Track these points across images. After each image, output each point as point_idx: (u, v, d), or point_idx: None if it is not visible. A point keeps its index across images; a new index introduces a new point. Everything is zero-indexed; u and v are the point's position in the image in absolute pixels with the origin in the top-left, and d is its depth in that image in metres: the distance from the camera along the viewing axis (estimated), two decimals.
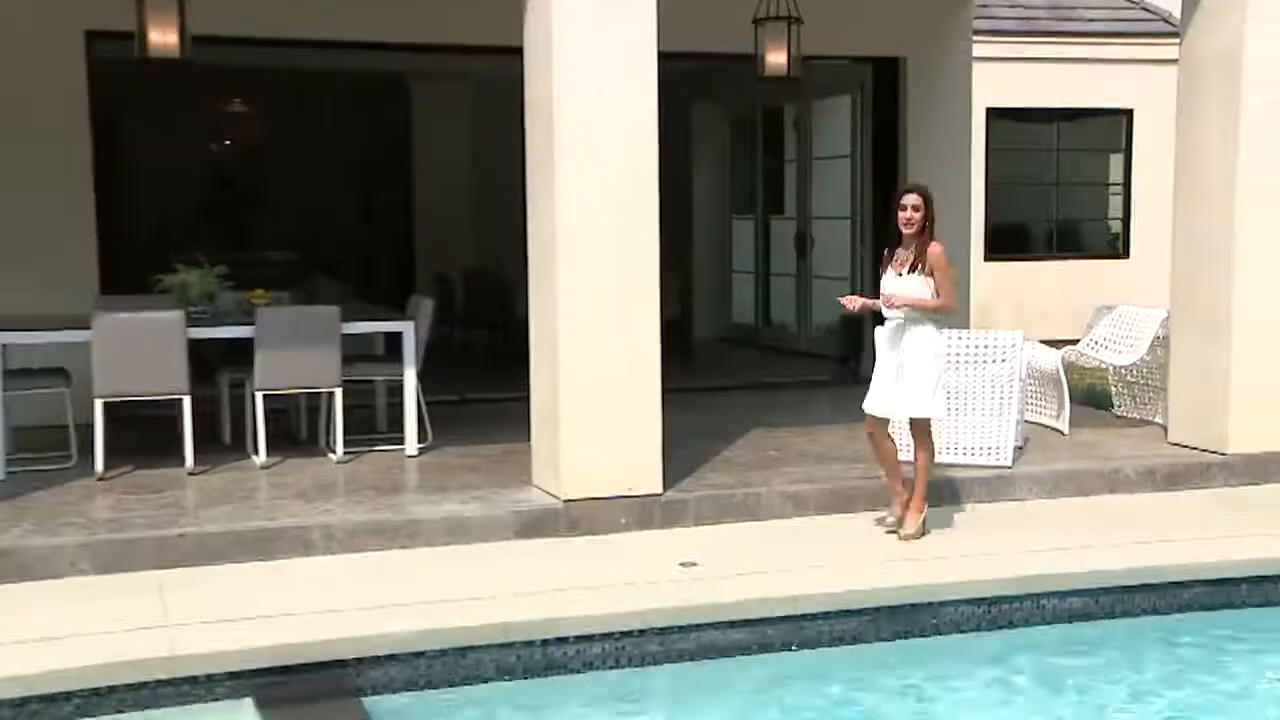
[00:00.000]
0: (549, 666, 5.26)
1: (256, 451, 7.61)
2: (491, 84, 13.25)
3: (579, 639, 5.31)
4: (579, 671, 5.29)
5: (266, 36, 9.36)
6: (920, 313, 6.38)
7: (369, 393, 8.43)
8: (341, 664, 5.01)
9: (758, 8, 9.21)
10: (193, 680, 4.85)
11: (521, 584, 5.79)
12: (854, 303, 6.70)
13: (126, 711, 4.75)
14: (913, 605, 5.74)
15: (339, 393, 7.61)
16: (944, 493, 7.24)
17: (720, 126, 14.31)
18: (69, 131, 8.87)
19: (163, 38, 7.50)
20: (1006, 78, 13.82)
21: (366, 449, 7.90)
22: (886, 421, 6.63)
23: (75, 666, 4.79)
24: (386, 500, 6.79)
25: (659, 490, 6.83)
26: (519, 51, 6.99)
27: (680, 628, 5.44)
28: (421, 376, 7.93)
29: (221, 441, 8.11)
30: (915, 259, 6.36)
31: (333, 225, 15.69)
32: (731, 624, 5.52)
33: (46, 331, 7.40)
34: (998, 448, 7.56)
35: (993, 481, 7.43)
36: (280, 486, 7.10)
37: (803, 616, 5.61)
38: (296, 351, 7.48)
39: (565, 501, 6.67)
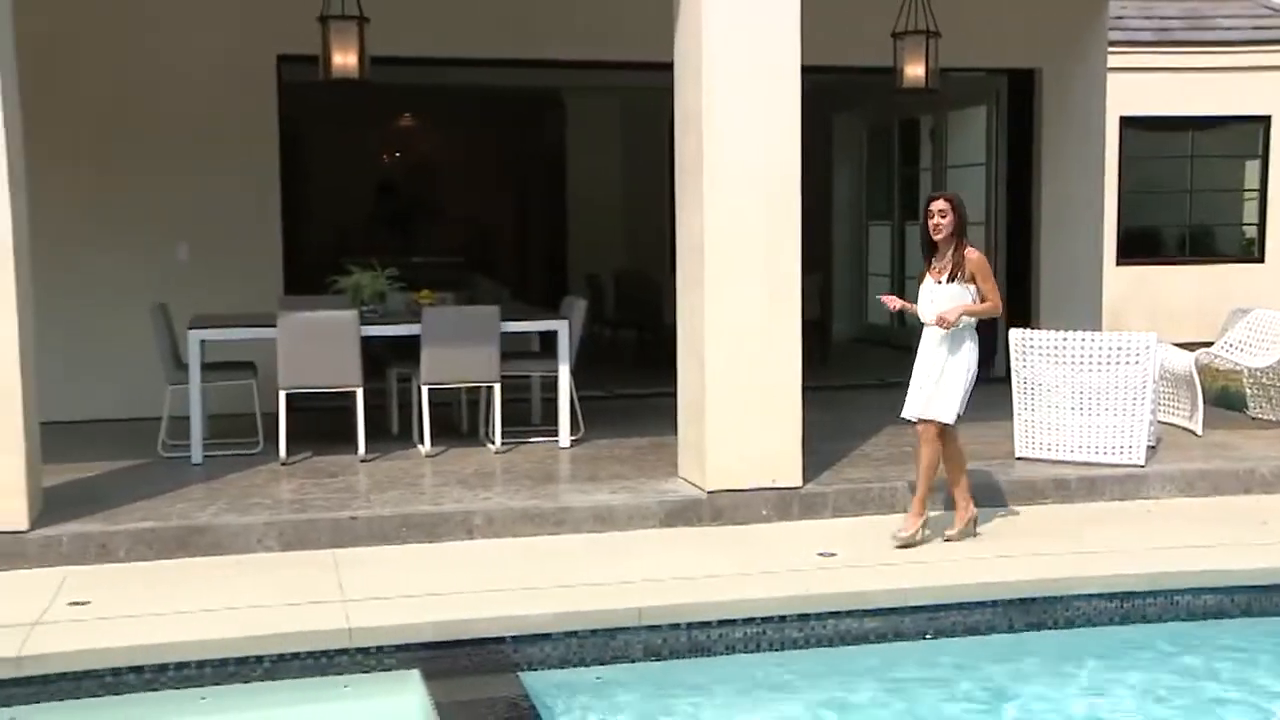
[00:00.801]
0: (693, 649, 5.26)
1: (422, 441, 7.77)
2: (641, 97, 13.37)
3: (721, 623, 5.30)
4: (721, 655, 5.28)
5: (433, 56, 9.56)
6: (964, 319, 6.11)
7: (525, 387, 8.55)
8: (500, 641, 5.08)
9: (896, 22, 9.09)
10: (365, 651, 4.97)
11: (666, 570, 5.80)
12: (894, 303, 6.43)
13: (308, 676, 4.89)
14: (1046, 598, 5.60)
15: (498, 387, 7.72)
16: (1078, 490, 7.07)
17: (858, 136, 14.17)
18: (261, 149, 9.21)
19: (344, 59, 7.72)
20: (1140, 87, 13.42)
21: (523, 440, 8.01)
22: (931, 425, 6.25)
23: (263, 634, 4.95)
24: (541, 489, 6.87)
25: (799, 483, 6.79)
26: (668, 66, 7.02)
27: (819, 615, 5.39)
28: (574, 373, 8.01)
29: (390, 431, 8.29)
30: (953, 267, 6.08)
31: (492, 231, 15.96)
32: (867, 612, 5.46)
33: (237, 329, 7.66)
34: (1130, 447, 7.34)
35: (1125, 480, 7.21)
36: (444, 474, 7.23)
37: (937, 607, 5.52)
38: (459, 348, 7.61)
39: (709, 493, 6.67)
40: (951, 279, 6.08)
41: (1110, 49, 11.06)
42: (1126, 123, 13.73)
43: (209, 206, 9.06)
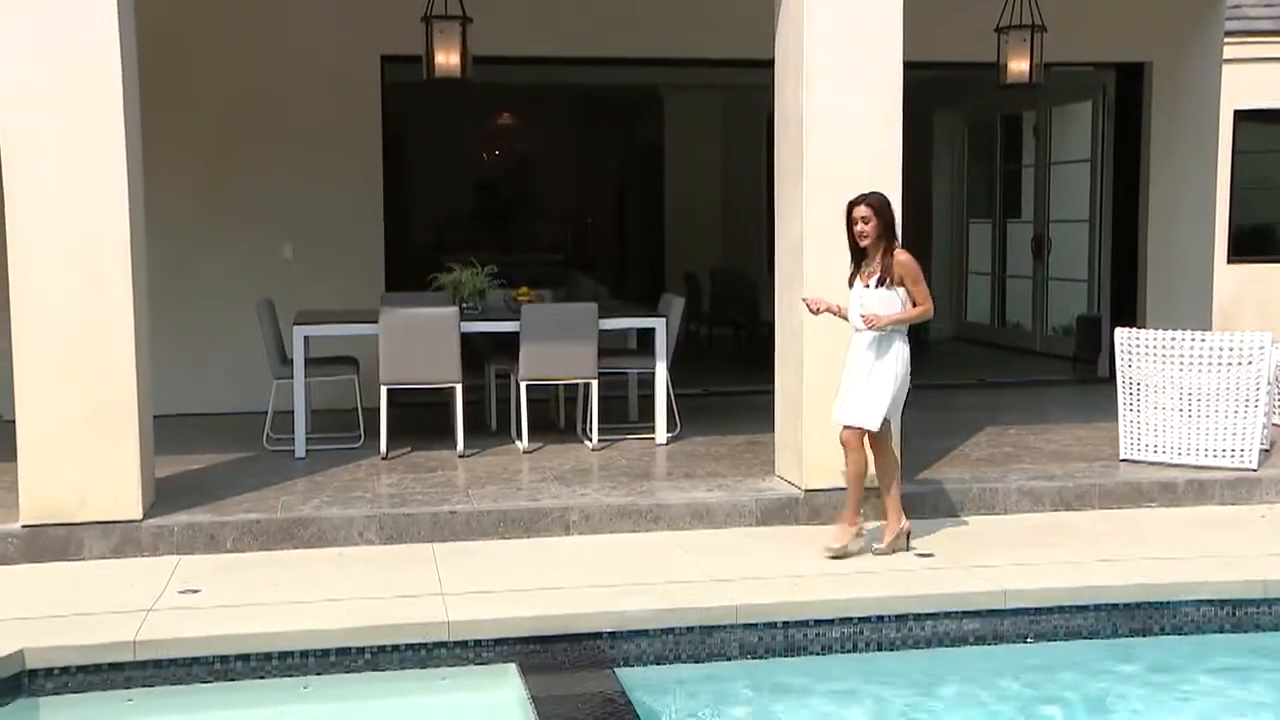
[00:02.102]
0: (789, 648, 5.24)
1: (520, 437, 7.83)
2: (740, 95, 13.34)
3: (818, 623, 5.27)
4: (818, 654, 5.25)
5: (534, 54, 9.64)
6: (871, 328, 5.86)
7: (622, 385, 8.58)
8: (597, 636, 5.10)
9: (1000, 16, 8.94)
10: (463, 644, 5.02)
11: (763, 569, 5.78)
12: (818, 304, 6.08)
13: (407, 668, 4.96)
14: (1151, 604, 5.46)
15: (595, 384, 7.75)
16: (1185, 494, 6.90)
17: (958, 132, 13.98)
18: (365, 149, 9.36)
19: (447, 59, 7.83)
20: (1256, 78, 12.98)
21: (619, 437, 8.03)
22: (860, 432, 5.98)
23: (365, 625, 5.03)
24: (637, 485, 6.88)
25: None
26: (768, 63, 6.98)
27: (917, 616, 5.34)
28: (671, 370, 8.01)
29: (488, 427, 8.36)
30: (882, 271, 5.83)
31: (591, 228, 16.04)
32: (966, 614, 5.38)
33: (341, 325, 7.80)
34: (1242, 450, 7.13)
35: (1236, 484, 7.01)
36: (541, 470, 7.29)
37: (1037, 609, 5.42)
38: (557, 345, 7.66)
39: (806, 491, 6.63)
40: (881, 283, 5.83)
41: (1225, 39, 10.75)
42: (1240, 116, 13.29)
43: (314, 205, 9.25)
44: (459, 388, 7.59)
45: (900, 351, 5.93)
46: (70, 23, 5.88)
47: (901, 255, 5.87)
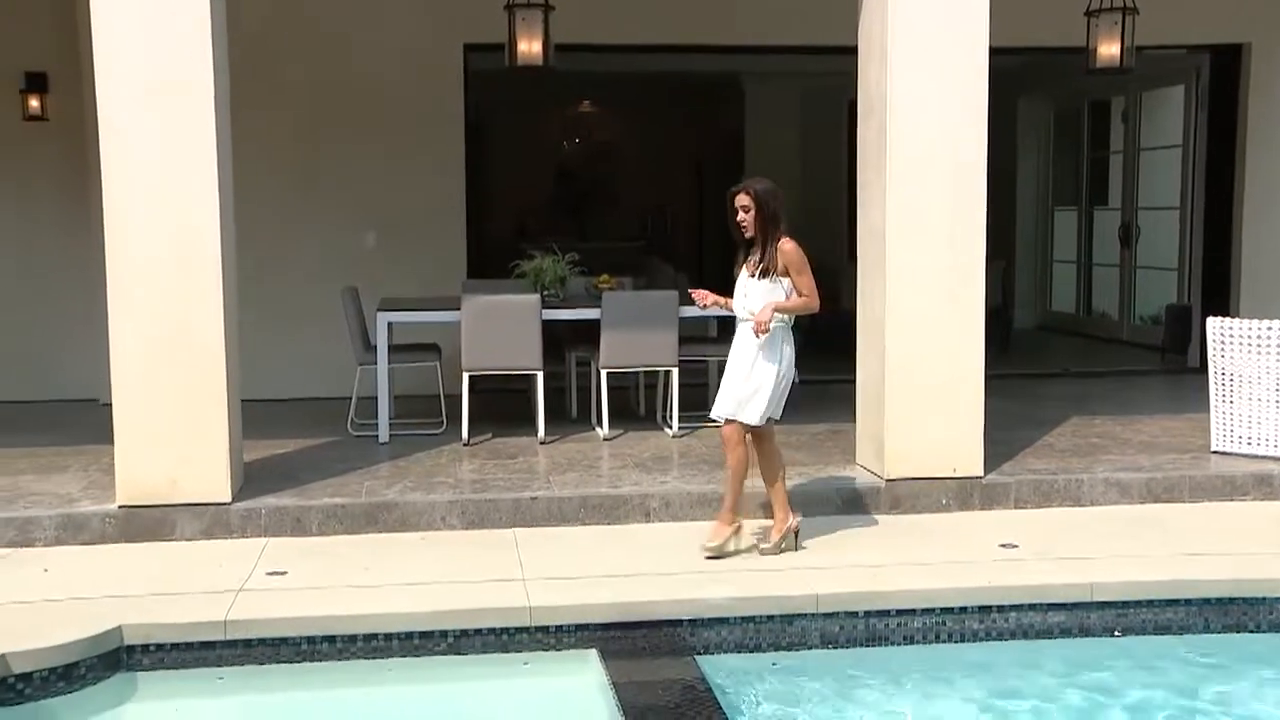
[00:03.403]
0: (870, 638, 5.21)
1: (600, 424, 7.86)
2: (821, 82, 13.23)
3: (900, 613, 5.23)
4: (899, 644, 5.21)
5: (615, 42, 9.65)
6: (780, 316, 5.65)
7: (702, 372, 8.54)
8: (677, 623, 5.10)
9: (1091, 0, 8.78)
10: (544, 630, 5.06)
11: (844, 558, 5.75)
12: (705, 299, 5.84)
13: (489, 652, 5.01)
14: (1246, 599, 5.34)
15: (675, 371, 7.76)
16: None
17: (1044, 118, 13.74)
18: (447, 137, 9.45)
19: (529, 47, 7.86)
20: None
21: (699, 425, 8.01)
22: (742, 427, 5.76)
23: (447, 609, 5.09)
24: (717, 473, 6.84)
25: (980, 473, 6.64)
26: (850, 50, 6.92)
27: (1000, 607, 5.28)
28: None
29: (568, 414, 8.40)
30: (765, 262, 5.61)
31: (670, 217, 16.02)
32: (1051, 606, 5.31)
33: (423, 312, 7.88)
34: None
35: None
36: (621, 457, 7.30)
37: (1125, 603, 5.33)
38: (638, 333, 7.67)
39: (887, 481, 6.58)
40: (764, 274, 5.61)
41: None
42: None
43: (398, 193, 9.35)
44: (540, 375, 7.63)
45: (783, 347, 5.71)
46: (167, 17, 6.00)
47: (785, 245, 5.62)
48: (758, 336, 5.60)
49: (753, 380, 5.68)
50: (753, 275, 5.67)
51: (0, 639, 4.64)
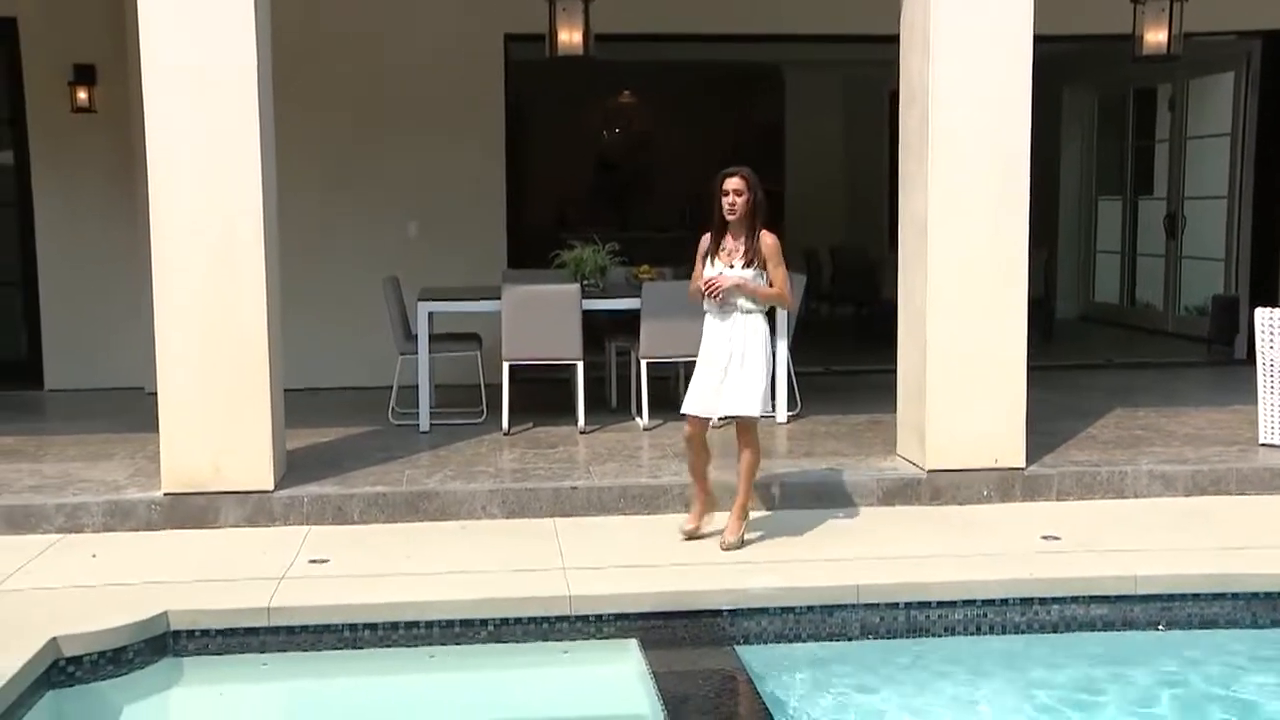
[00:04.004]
0: (911, 629, 5.19)
1: (640, 414, 7.86)
2: (861, 71, 13.17)
3: (941, 604, 5.21)
4: (940, 636, 5.19)
5: (655, 32, 9.63)
6: (754, 303, 5.61)
7: None
8: (716, 614, 5.10)
9: None
10: (584, 619, 5.07)
11: (884, 549, 5.73)
12: (719, 284, 5.59)
13: (529, 640, 5.03)
14: None
15: None
16: None
17: (1088, 106, 13.60)
18: (488, 127, 9.49)
19: (570, 37, 7.86)
20: None
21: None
22: (708, 424, 5.77)
23: (488, 597, 5.11)
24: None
25: (1022, 464, 6.59)
26: (892, 40, 6.88)
27: (1043, 600, 5.24)
28: (791, 349, 7.97)
29: (608, 404, 8.41)
30: (747, 251, 5.55)
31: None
32: (1094, 599, 5.26)
33: (464, 301, 7.91)
34: None
35: None
36: (661, 447, 7.30)
37: (1170, 596, 5.28)
38: (678, 323, 7.62)
39: (928, 472, 6.55)
40: (748, 264, 5.56)
41: None
42: None
43: (438, 184, 9.39)
44: (580, 364, 7.64)
45: (766, 333, 5.70)
46: (212, 8, 6.05)
47: (769, 237, 5.61)
48: (710, 293, 5.57)
49: (748, 371, 5.63)
50: (730, 265, 5.61)
51: (52, 623, 4.72)
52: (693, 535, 5.86)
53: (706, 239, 5.76)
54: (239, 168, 6.11)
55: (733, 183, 5.61)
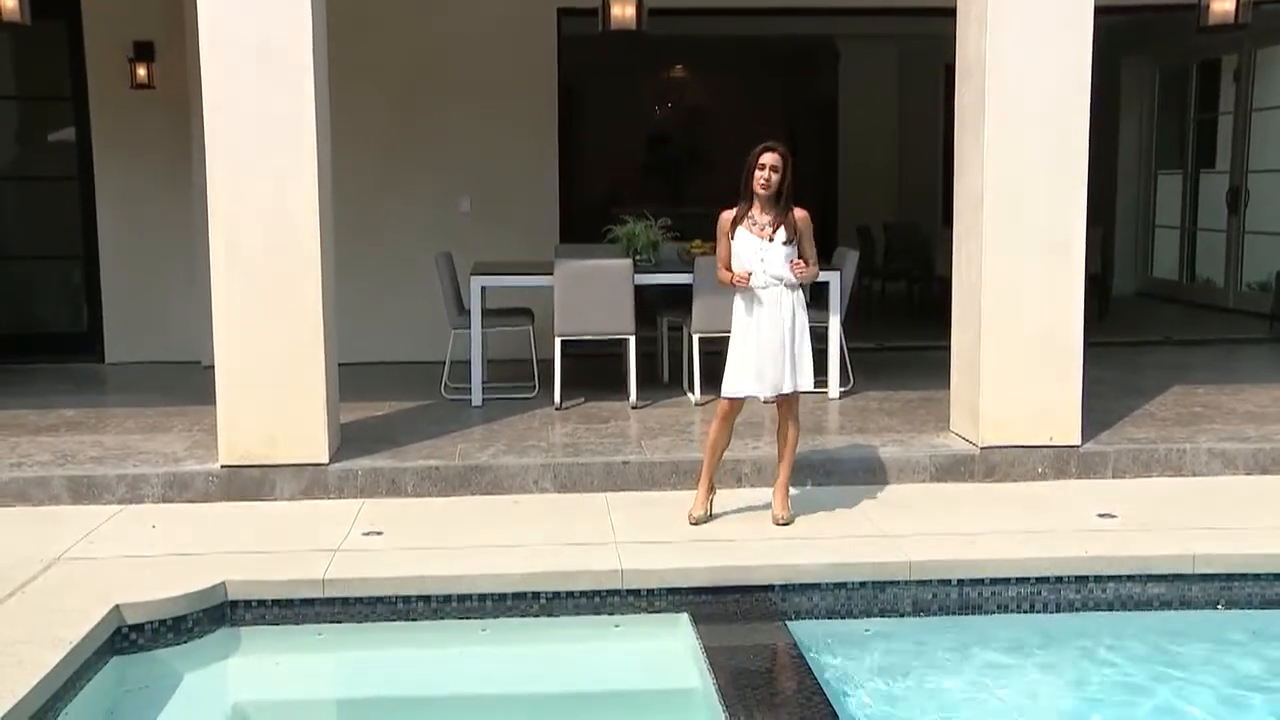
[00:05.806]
0: (963, 606, 5.15)
1: (692, 389, 7.85)
2: (917, 45, 13.02)
3: (994, 581, 5.17)
4: (993, 613, 5.15)
5: (709, 6, 9.57)
6: (796, 281, 5.63)
7: None
8: (768, 589, 5.10)
9: None
10: (635, 593, 5.08)
11: (937, 525, 5.69)
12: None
13: (581, 614, 5.05)
14: None
15: None
16: None
17: (1149, 78, 13.36)
18: (540, 102, 9.48)
19: (623, 11, 7.83)
20: None
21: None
22: (744, 404, 5.79)
23: (540, 571, 5.13)
24: (809, 439, 6.80)
25: (1077, 442, 6.52)
26: (948, 13, 6.78)
27: (1098, 578, 5.19)
28: (844, 324, 7.92)
29: (660, 379, 8.41)
30: (786, 225, 5.56)
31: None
32: (1151, 578, 5.21)
33: (516, 276, 7.93)
34: None
35: None
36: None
37: (1229, 576, 5.21)
38: (731, 298, 7.61)
39: (982, 448, 6.49)
40: (788, 240, 5.56)
41: None
42: None
43: (491, 159, 9.41)
44: (632, 339, 7.64)
45: (804, 303, 5.76)
46: None
47: (800, 212, 5.63)
48: (797, 277, 5.60)
49: (801, 345, 5.69)
50: (770, 240, 5.61)
51: (115, 591, 4.80)
52: (702, 520, 5.77)
53: (726, 217, 5.74)
54: (295, 141, 6.14)
55: (770, 158, 5.60)
